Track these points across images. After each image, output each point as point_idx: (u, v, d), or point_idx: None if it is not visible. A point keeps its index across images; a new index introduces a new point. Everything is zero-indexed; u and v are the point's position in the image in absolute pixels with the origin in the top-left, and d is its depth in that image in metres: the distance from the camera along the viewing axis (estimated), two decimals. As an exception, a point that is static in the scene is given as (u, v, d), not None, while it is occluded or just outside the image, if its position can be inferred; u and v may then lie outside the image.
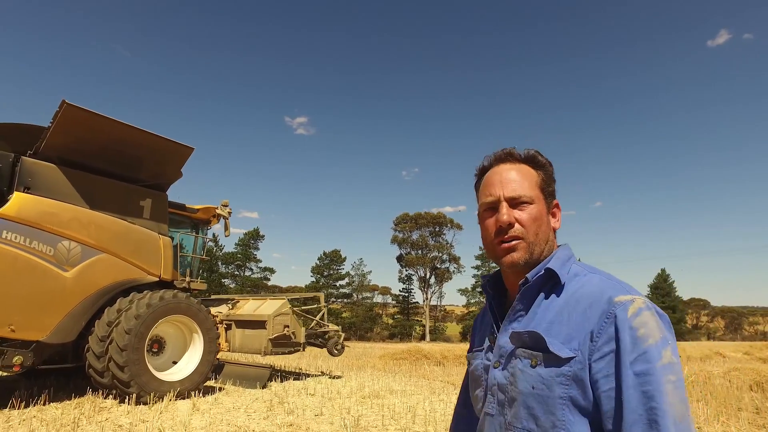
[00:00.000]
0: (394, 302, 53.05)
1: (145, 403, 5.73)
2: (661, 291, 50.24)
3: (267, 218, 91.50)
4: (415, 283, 50.76)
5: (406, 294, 51.42)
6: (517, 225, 0.98)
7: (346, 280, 49.08)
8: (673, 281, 51.46)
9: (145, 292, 6.47)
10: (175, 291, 6.64)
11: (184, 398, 6.17)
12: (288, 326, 8.19)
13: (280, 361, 12.16)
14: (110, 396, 5.86)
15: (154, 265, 6.84)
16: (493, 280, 1.11)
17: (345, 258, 48.58)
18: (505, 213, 0.98)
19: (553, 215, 1.06)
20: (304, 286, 46.31)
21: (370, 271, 64.44)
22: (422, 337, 48.16)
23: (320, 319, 9.21)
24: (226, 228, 8.39)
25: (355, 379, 8.68)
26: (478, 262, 53.57)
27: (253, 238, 44.94)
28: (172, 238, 7.35)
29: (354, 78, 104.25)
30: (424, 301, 49.35)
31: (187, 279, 7.52)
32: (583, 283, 0.94)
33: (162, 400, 5.88)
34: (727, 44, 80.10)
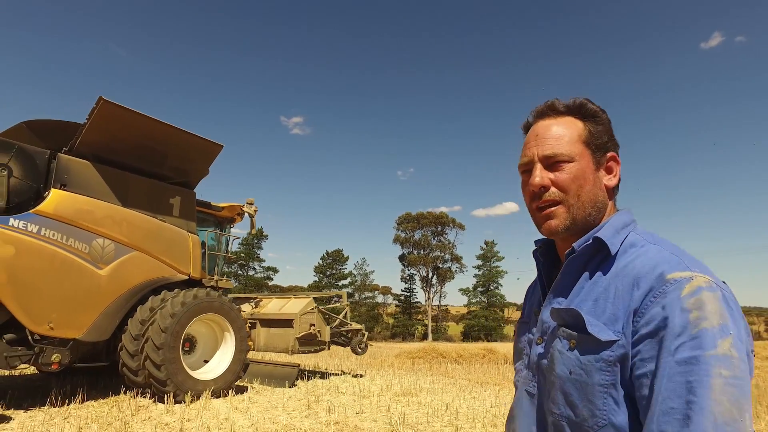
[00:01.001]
0: (396, 302, 53.02)
1: (181, 402, 5.69)
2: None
3: (262, 218, 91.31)
4: (418, 283, 50.78)
5: (408, 294, 51.46)
6: (553, 188, 0.87)
7: (349, 279, 49.12)
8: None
9: (176, 290, 6.43)
10: (208, 289, 6.60)
11: (218, 397, 6.14)
12: (314, 325, 8.16)
13: (298, 360, 12.12)
14: (144, 395, 5.81)
15: (184, 263, 6.80)
16: (545, 246, 0.99)
17: (348, 257, 48.61)
18: (538, 175, 0.88)
19: (608, 171, 0.90)
20: (306, 286, 46.33)
21: (373, 271, 64.40)
22: (424, 337, 48.17)
23: (343, 317, 9.19)
24: (252, 226, 8.35)
25: (379, 377, 8.65)
26: (479, 262, 53.66)
27: (256, 237, 44.87)
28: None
29: (349, 78, 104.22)
30: (426, 300, 49.37)
31: (216, 277, 7.48)
32: (638, 254, 0.81)
33: (198, 399, 5.84)
34: (720, 46, 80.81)
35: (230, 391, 6.44)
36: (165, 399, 5.58)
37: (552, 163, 0.88)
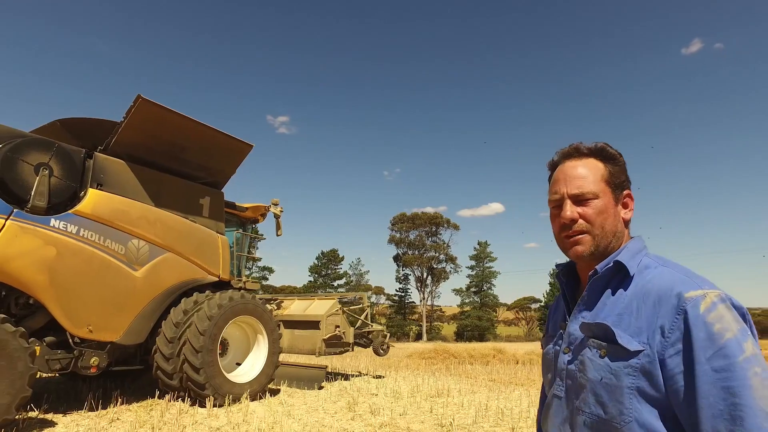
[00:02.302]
0: (389, 302, 52.98)
1: (219, 405, 5.61)
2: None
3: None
4: (412, 283, 50.86)
5: (403, 294, 51.48)
6: (581, 220, 1.00)
7: (344, 279, 48.94)
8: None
9: (207, 292, 6.35)
10: (241, 291, 6.53)
11: (253, 400, 6.06)
12: (339, 326, 8.12)
13: (313, 361, 12.04)
14: (180, 398, 5.71)
15: (214, 264, 6.71)
16: (567, 268, 1.13)
17: (343, 257, 48.45)
18: (568, 210, 1.01)
19: (625, 206, 1.05)
20: (301, 286, 46.07)
21: (368, 271, 64.26)
22: (418, 337, 48.26)
23: (364, 318, 9.15)
24: (278, 227, 8.27)
25: (401, 378, 8.65)
26: (473, 263, 53.95)
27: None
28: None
29: (335, 78, 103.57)
30: (420, 300, 49.47)
31: (244, 279, 7.40)
32: (653, 276, 0.95)
33: (236, 402, 5.77)
34: (699, 53, 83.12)
35: (264, 393, 6.38)
36: (206, 403, 5.49)
37: (581, 200, 1.01)
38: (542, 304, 54.16)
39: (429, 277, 49.45)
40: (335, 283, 47.99)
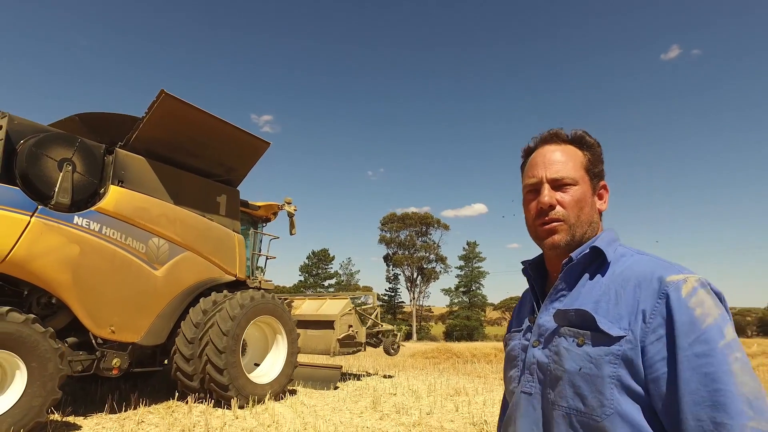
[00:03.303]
0: (379, 302, 52.88)
1: (242, 407, 5.52)
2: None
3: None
4: (402, 283, 50.94)
5: (393, 294, 51.50)
6: (558, 207, 0.96)
7: (335, 279, 48.73)
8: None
9: (225, 292, 6.25)
10: (261, 291, 6.44)
11: (274, 401, 5.99)
12: (352, 326, 8.08)
13: (321, 361, 11.97)
14: (201, 400, 5.60)
15: (231, 264, 6.61)
16: (534, 263, 1.10)
17: (333, 257, 48.25)
18: (546, 195, 0.97)
19: (600, 197, 1.02)
20: (290, 286, 45.69)
21: (359, 271, 64.06)
22: (408, 337, 48.35)
23: (374, 318, 9.12)
24: (293, 226, 8.18)
25: (413, 378, 8.64)
26: (462, 263, 54.27)
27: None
28: None
29: (319, 77, 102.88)
30: (411, 300, 49.57)
31: (260, 278, 7.30)
32: (631, 262, 0.92)
33: (259, 403, 5.69)
34: (678, 58, 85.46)
35: (285, 394, 6.31)
36: (230, 404, 5.40)
37: (559, 185, 0.97)
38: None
39: (419, 277, 49.60)
40: (326, 283, 47.79)
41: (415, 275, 49.40)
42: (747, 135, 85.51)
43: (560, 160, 0.99)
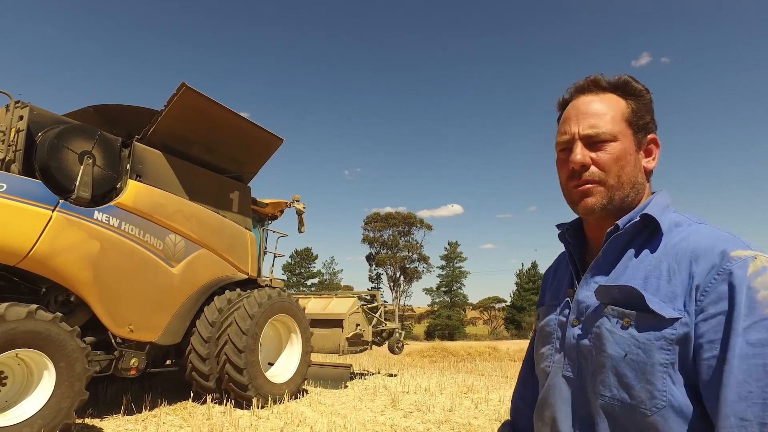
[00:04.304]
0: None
1: (262, 407, 5.44)
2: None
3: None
4: (385, 282, 51.00)
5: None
6: (593, 167, 0.84)
7: (318, 279, 48.38)
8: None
9: (237, 290, 6.14)
10: (277, 289, 6.36)
11: (291, 400, 5.92)
12: (359, 324, 8.07)
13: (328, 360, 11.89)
14: (217, 400, 5.49)
15: (243, 261, 6.50)
16: (573, 228, 0.96)
17: (317, 256, 47.92)
18: (579, 153, 0.84)
19: (647, 153, 0.88)
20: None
21: (342, 270, 63.83)
22: (389, 336, 48.36)
23: (378, 317, 9.13)
24: (302, 223, 8.09)
25: (418, 376, 8.69)
26: (443, 263, 54.72)
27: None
28: None
29: (295, 73, 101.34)
30: (393, 300, 49.68)
31: (270, 276, 7.21)
32: (688, 233, 0.80)
33: (277, 403, 5.62)
34: (648, 65, 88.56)
35: (300, 393, 6.25)
36: (251, 404, 5.32)
37: (595, 142, 0.85)
38: (507, 303, 55.69)
39: (401, 277, 49.77)
40: (308, 282, 47.42)
41: (398, 275, 49.56)
42: (711, 140, 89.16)
43: (597, 113, 0.86)
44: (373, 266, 50.30)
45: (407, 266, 49.40)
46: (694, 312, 0.71)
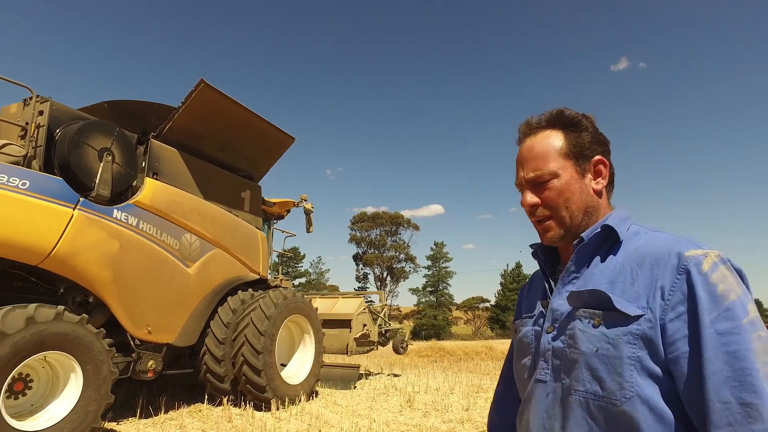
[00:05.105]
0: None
1: (278, 408, 5.39)
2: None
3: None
4: (372, 282, 50.96)
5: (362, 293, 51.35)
6: (542, 207, 0.94)
7: (305, 278, 48.01)
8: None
9: (250, 290, 6.07)
10: (292, 290, 6.30)
11: (307, 401, 5.88)
12: (366, 325, 8.06)
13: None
14: (232, 402, 5.42)
15: (255, 261, 6.43)
16: (544, 245, 1.04)
17: (304, 255, 47.54)
18: (527, 197, 0.95)
19: (597, 174, 0.95)
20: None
21: (329, 269, 63.38)
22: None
23: (383, 317, 9.13)
24: (310, 223, 8.02)
25: (424, 376, 8.72)
26: (429, 263, 54.98)
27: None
28: None
29: (277, 73, 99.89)
30: (380, 300, 49.72)
31: (280, 277, 7.14)
32: (646, 239, 0.88)
33: (293, 404, 5.57)
34: (626, 70, 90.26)
35: (314, 394, 6.21)
36: (270, 406, 5.26)
37: (538, 183, 0.94)
38: (491, 303, 56.27)
39: (388, 277, 49.84)
40: (296, 282, 47.00)
41: (384, 275, 49.62)
42: (688, 145, 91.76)
43: (536, 156, 0.94)
44: (360, 266, 50.23)
45: (394, 266, 49.49)
46: (661, 310, 0.79)
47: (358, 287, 51.13)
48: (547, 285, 0.99)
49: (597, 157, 0.94)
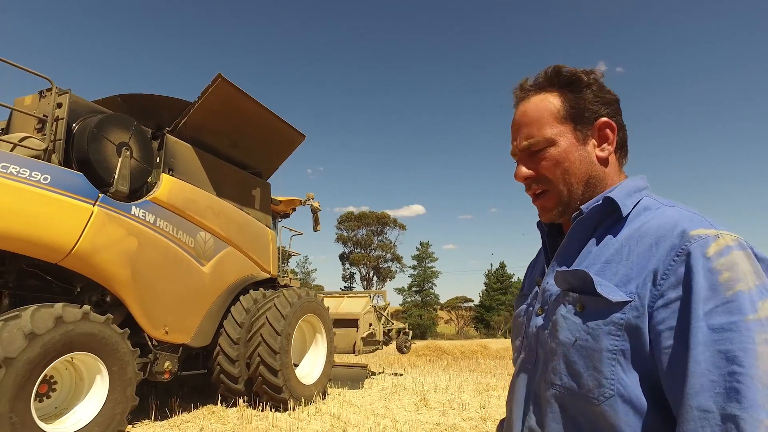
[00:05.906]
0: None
1: (294, 409, 5.32)
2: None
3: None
4: (358, 281, 50.86)
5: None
6: (537, 178, 0.83)
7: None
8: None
9: (261, 290, 5.98)
10: (305, 289, 6.23)
11: (321, 401, 5.82)
12: (371, 324, 8.04)
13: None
14: (248, 403, 5.32)
15: (266, 260, 6.34)
16: None
17: (290, 255, 47.15)
18: (521, 169, 0.84)
19: (602, 139, 0.82)
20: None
21: (315, 269, 62.93)
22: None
23: (387, 316, 9.12)
24: (317, 222, 7.94)
25: (428, 375, 8.73)
26: (415, 263, 55.18)
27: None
28: None
29: (258, 69, 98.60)
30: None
31: (289, 275, 7.05)
32: (653, 215, 0.74)
33: (308, 404, 5.51)
34: (604, 74, 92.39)
35: (327, 394, 6.15)
36: (287, 406, 5.18)
37: (533, 151, 0.83)
38: (476, 303, 56.77)
39: (375, 276, 49.82)
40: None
41: (371, 274, 49.57)
42: (665, 148, 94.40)
43: (529, 122, 0.83)
44: (347, 265, 50.08)
45: (381, 266, 49.50)
46: (651, 296, 0.66)
47: (344, 287, 50.97)
48: (545, 260, 0.89)
49: (602, 120, 0.81)
